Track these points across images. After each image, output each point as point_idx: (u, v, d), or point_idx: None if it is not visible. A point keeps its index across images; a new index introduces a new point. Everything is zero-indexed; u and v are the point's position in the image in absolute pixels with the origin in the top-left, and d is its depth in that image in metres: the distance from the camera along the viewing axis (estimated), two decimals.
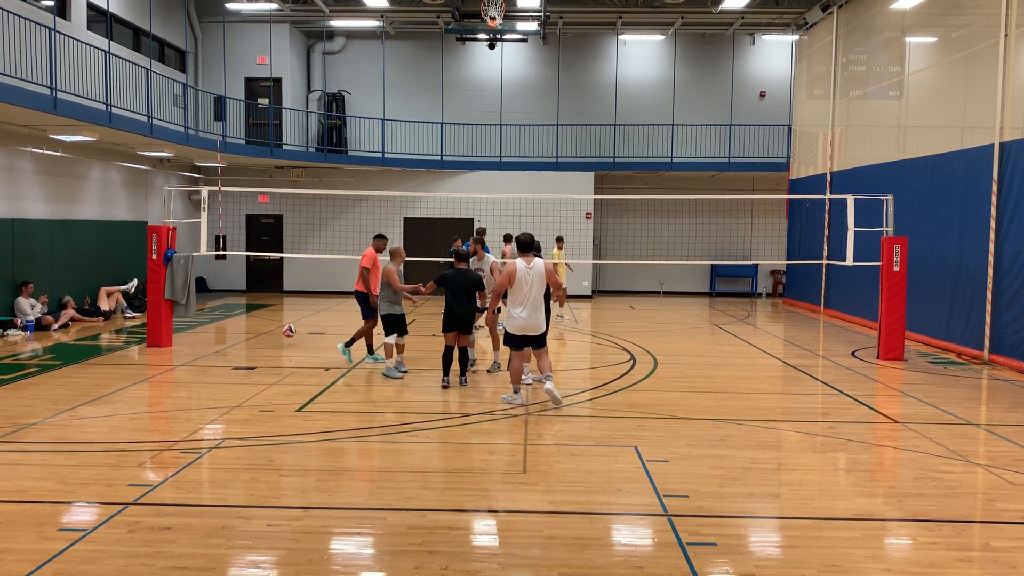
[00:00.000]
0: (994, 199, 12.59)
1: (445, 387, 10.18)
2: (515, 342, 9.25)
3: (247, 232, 23.91)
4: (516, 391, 9.40)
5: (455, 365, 10.40)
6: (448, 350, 10.22)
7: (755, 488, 6.51)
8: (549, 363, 9.30)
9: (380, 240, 11.97)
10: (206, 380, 10.69)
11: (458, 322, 10.02)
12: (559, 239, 18.53)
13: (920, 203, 14.82)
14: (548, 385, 9.00)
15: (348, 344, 11.98)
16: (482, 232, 14.35)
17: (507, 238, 16.58)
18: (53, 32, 13.58)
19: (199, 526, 5.51)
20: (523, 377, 10.37)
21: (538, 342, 9.28)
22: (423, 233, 23.12)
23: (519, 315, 9.08)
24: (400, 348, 11.17)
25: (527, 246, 9.28)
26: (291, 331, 14.56)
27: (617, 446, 7.65)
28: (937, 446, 7.76)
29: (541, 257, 10.81)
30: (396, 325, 10.99)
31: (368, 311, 11.76)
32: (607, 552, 5.24)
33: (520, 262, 9.15)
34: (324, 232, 23.45)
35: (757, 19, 22.45)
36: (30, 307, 14.88)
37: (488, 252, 12.44)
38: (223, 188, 15.98)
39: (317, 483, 6.52)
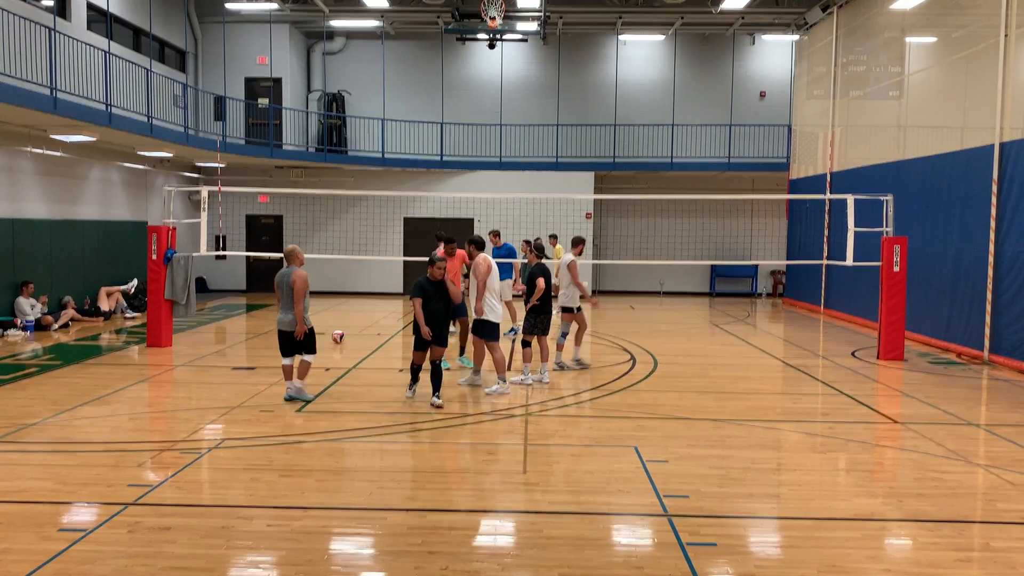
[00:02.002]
0: (994, 199, 12.59)
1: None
2: (497, 332, 9.98)
3: (247, 232, 23.89)
4: (503, 379, 9.85)
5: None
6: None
7: (755, 488, 6.51)
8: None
9: (472, 246, 11.00)
10: (206, 380, 10.69)
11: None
12: (553, 237, 18.24)
13: (920, 203, 14.82)
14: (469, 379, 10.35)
15: (463, 352, 11.82)
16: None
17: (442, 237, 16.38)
18: (53, 32, 13.58)
19: (199, 526, 5.51)
20: (524, 378, 10.40)
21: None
22: (423, 233, 23.07)
23: (497, 306, 9.94)
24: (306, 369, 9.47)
25: (483, 246, 10.45)
26: (340, 338, 14.21)
27: (617, 446, 7.65)
28: (937, 446, 7.76)
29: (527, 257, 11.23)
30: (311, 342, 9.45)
31: (460, 310, 11.22)
32: (607, 552, 5.24)
33: (486, 255, 10.17)
34: (324, 232, 23.45)
35: (757, 19, 22.44)
36: (30, 307, 14.88)
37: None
38: (223, 188, 15.98)
39: (317, 483, 6.52)
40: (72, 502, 5.99)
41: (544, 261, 10.82)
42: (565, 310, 11.44)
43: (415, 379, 9.44)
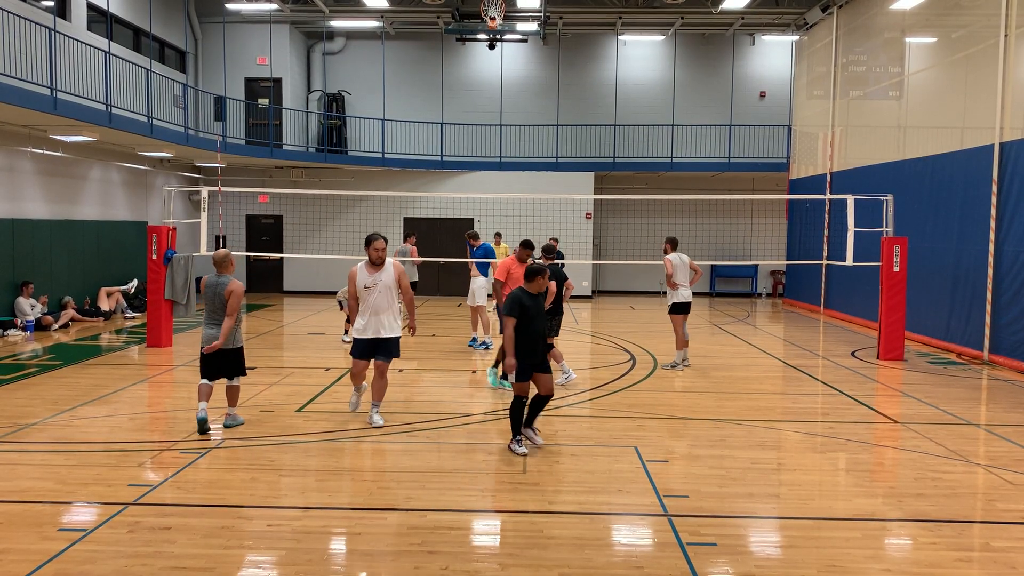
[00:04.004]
0: (994, 199, 12.60)
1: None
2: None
3: (247, 232, 23.90)
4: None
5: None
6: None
7: (755, 488, 6.51)
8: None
9: (524, 250, 10.00)
10: None
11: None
12: (497, 235, 17.93)
13: (920, 203, 14.82)
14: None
15: (496, 366, 10.30)
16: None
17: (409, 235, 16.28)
18: (53, 32, 13.58)
19: (199, 526, 5.51)
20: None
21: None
22: (423, 233, 23.09)
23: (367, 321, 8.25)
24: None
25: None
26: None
27: (617, 446, 7.65)
28: (937, 446, 7.76)
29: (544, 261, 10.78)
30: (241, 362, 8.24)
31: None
32: (607, 552, 5.24)
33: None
34: (324, 232, 23.46)
35: (757, 19, 22.46)
36: (30, 307, 14.88)
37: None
38: (223, 188, 15.98)
39: (317, 483, 6.52)
40: (72, 502, 5.99)
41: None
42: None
43: (520, 422, 7.37)
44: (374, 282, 8.12)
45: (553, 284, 10.03)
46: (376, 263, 8.16)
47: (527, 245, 10.08)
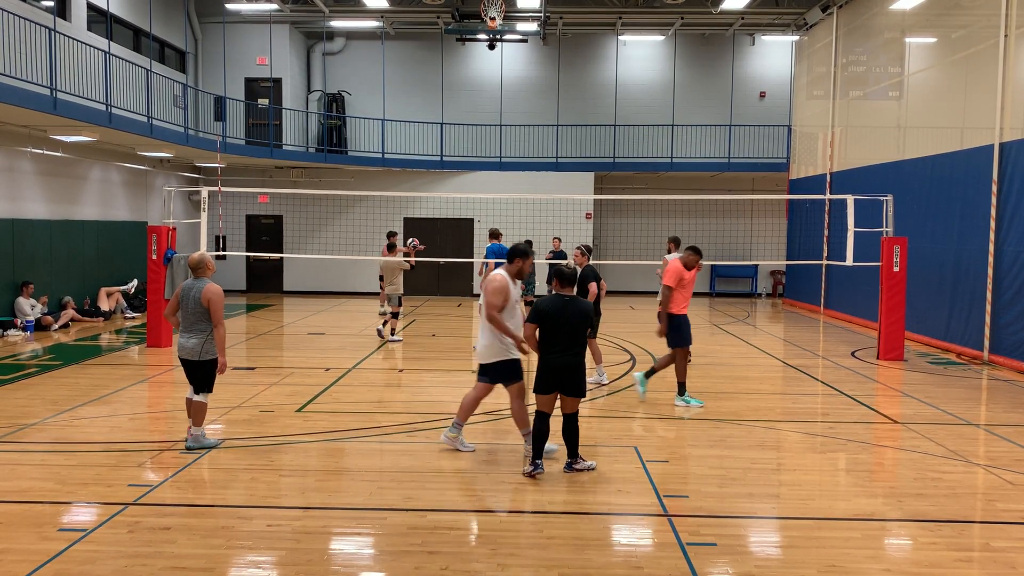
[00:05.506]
0: (994, 199, 12.60)
1: (532, 475, 6.67)
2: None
3: (247, 232, 23.91)
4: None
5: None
6: (541, 418, 6.78)
7: (755, 488, 6.51)
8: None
9: (692, 255, 9.39)
10: None
11: (559, 377, 6.72)
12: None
13: (920, 203, 14.82)
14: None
15: (648, 374, 9.80)
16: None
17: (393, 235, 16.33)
18: (53, 32, 13.58)
19: (199, 526, 5.51)
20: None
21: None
22: (423, 233, 23.10)
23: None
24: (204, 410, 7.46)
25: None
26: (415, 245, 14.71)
27: (617, 446, 7.65)
28: (937, 446, 7.76)
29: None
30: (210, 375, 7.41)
31: (676, 338, 9.35)
32: (607, 552, 5.24)
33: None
34: (324, 232, 23.46)
35: (757, 19, 22.46)
36: (30, 307, 14.88)
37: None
38: (223, 188, 15.98)
39: (317, 483, 6.52)
40: (72, 502, 5.99)
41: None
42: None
43: (538, 449, 6.85)
44: (518, 297, 7.26)
45: (594, 285, 10.07)
46: (521, 277, 7.29)
47: (696, 251, 9.43)
